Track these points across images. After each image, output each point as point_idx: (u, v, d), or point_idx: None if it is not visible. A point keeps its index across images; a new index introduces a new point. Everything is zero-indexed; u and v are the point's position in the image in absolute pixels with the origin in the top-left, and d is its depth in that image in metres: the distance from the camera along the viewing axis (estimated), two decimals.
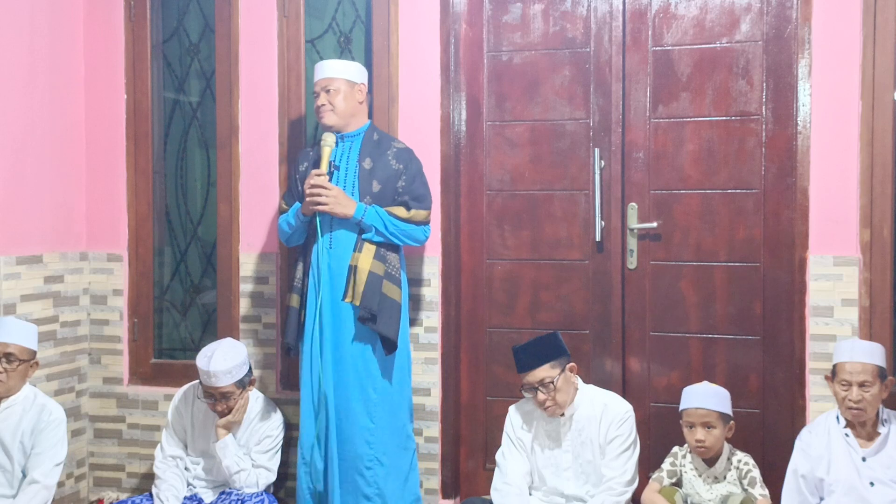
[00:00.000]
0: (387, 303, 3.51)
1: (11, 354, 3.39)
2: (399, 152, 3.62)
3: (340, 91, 3.60)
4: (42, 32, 4.03)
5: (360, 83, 3.66)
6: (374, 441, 3.54)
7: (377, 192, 3.55)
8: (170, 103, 4.35)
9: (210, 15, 4.24)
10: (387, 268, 3.53)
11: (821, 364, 3.55)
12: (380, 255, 3.53)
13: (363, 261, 3.49)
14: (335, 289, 3.55)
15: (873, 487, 3.13)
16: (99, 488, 4.34)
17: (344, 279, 3.52)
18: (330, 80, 3.61)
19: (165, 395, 4.18)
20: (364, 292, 3.46)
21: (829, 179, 3.59)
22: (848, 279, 3.58)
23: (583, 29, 3.91)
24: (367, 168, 3.58)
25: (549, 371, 3.34)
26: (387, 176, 3.57)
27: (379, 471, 3.55)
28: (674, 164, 3.84)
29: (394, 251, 3.59)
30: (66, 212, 4.19)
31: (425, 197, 3.63)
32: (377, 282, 3.49)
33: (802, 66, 3.62)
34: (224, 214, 4.18)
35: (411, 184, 3.59)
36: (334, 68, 3.63)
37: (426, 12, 3.94)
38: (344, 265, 3.53)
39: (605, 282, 3.90)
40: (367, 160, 3.59)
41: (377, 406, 3.56)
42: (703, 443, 3.29)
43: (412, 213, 3.58)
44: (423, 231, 3.63)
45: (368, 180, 3.56)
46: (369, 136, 3.65)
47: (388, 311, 3.51)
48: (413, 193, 3.59)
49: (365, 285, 3.47)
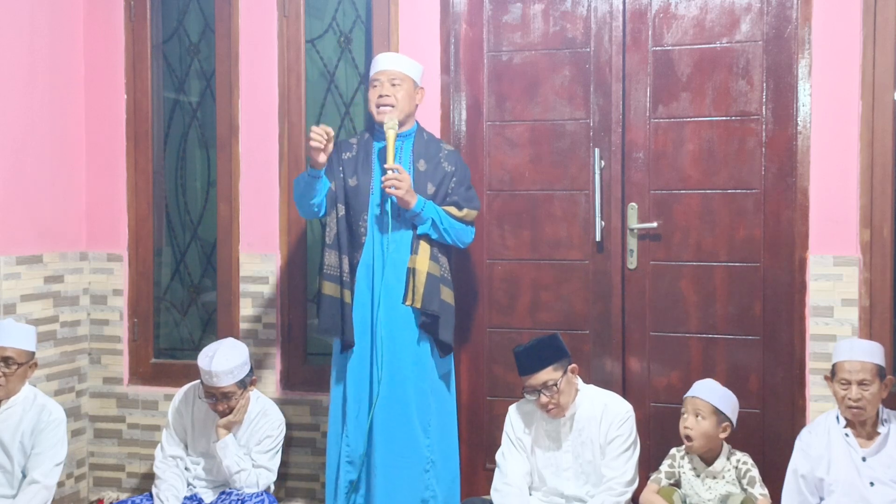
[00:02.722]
0: (444, 306, 3.49)
1: (10, 358, 3.38)
2: (449, 154, 3.59)
3: (404, 87, 3.52)
4: (42, 32, 4.03)
5: (422, 87, 3.61)
6: (432, 444, 3.53)
7: (431, 195, 3.51)
8: (170, 103, 4.36)
9: (210, 15, 4.24)
10: (441, 270, 3.51)
11: (821, 364, 3.56)
12: (434, 256, 3.49)
13: (420, 262, 3.45)
14: (391, 292, 3.48)
15: (873, 487, 3.13)
16: (99, 488, 4.34)
17: (398, 280, 3.47)
18: (397, 74, 3.52)
19: (165, 395, 4.18)
20: (424, 295, 3.43)
21: (830, 179, 3.59)
22: (848, 279, 3.58)
23: (583, 29, 3.91)
24: (421, 170, 3.53)
25: (551, 374, 3.33)
26: (440, 178, 3.53)
27: (433, 473, 3.53)
28: (674, 164, 3.84)
29: (445, 254, 3.55)
30: (66, 211, 4.19)
31: (474, 199, 3.59)
32: (436, 283, 3.47)
33: (802, 66, 3.62)
34: (224, 214, 4.18)
35: (460, 185, 3.55)
36: (403, 63, 3.55)
37: (426, 12, 3.94)
38: (401, 268, 3.48)
39: (606, 282, 3.90)
40: (421, 161, 3.54)
41: (434, 409, 3.53)
42: (689, 430, 3.28)
43: (465, 212, 3.53)
44: (471, 233, 3.59)
45: (423, 182, 3.51)
46: (420, 137, 3.60)
47: (446, 315, 3.50)
48: (462, 195, 3.55)
49: (425, 287, 3.43)
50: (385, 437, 3.48)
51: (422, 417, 3.51)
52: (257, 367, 4.04)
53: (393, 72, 3.51)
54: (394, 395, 3.48)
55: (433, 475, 3.53)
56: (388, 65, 3.54)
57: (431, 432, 3.53)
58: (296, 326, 4.16)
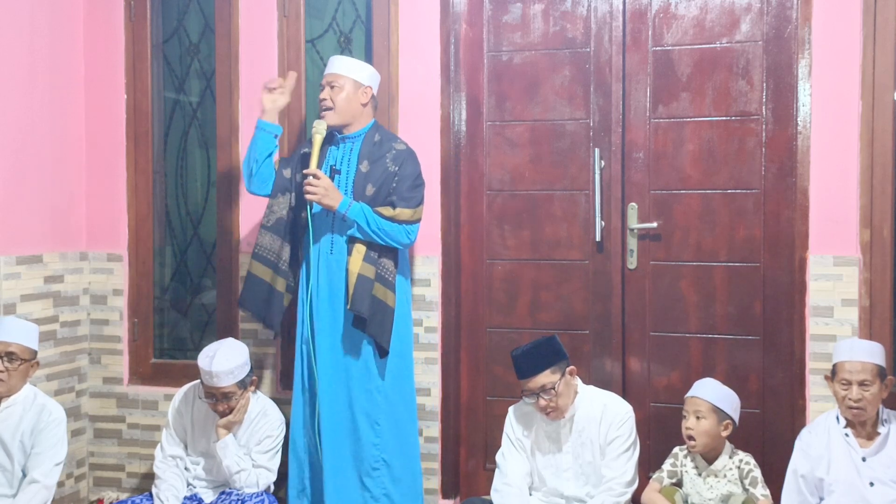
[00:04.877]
0: (378, 307, 3.47)
1: (13, 353, 3.39)
2: (397, 154, 3.56)
3: (344, 89, 3.56)
4: (42, 32, 4.03)
5: (367, 85, 3.61)
6: (382, 443, 3.55)
7: (370, 196, 3.51)
8: (170, 103, 4.35)
9: (210, 15, 4.23)
10: (378, 270, 3.49)
11: (821, 364, 3.55)
12: (370, 258, 3.48)
13: (353, 263, 3.47)
14: (334, 293, 3.54)
15: (873, 487, 3.13)
16: (99, 488, 4.34)
17: (341, 282, 3.51)
18: (336, 77, 3.57)
19: (165, 395, 4.18)
20: (354, 296, 3.43)
21: (829, 179, 3.59)
22: (848, 279, 3.58)
23: (583, 29, 3.91)
24: (363, 171, 3.54)
25: (549, 377, 3.32)
26: (382, 179, 3.52)
27: (385, 472, 3.55)
28: (674, 165, 3.84)
29: (389, 254, 3.53)
30: (66, 212, 4.19)
31: (412, 197, 3.53)
32: (367, 285, 3.45)
33: (802, 66, 3.62)
34: (224, 214, 4.18)
35: (401, 184, 3.52)
36: (342, 65, 3.59)
37: (426, 12, 3.94)
38: (340, 269, 3.53)
39: (605, 282, 3.90)
40: (364, 163, 3.56)
41: (381, 408, 3.55)
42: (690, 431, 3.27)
43: (396, 211, 3.49)
44: (407, 233, 3.52)
45: (363, 184, 3.53)
46: (370, 138, 3.61)
47: (380, 316, 3.48)
48: (401, 193, 3.51)
49: (354, 288, 3.43)
50: (329, 436, 3.54)
51: (369, 417, 3.54)
52: (256, 367, 4.04)
53: (332, 75, 3.58)
54: (335, 395, 3.54)
55: (385, 474, 3.55)
56: (329, 67, 3.61)
57: (381, 431, 3.55)
58: (295, 326, 4.15)
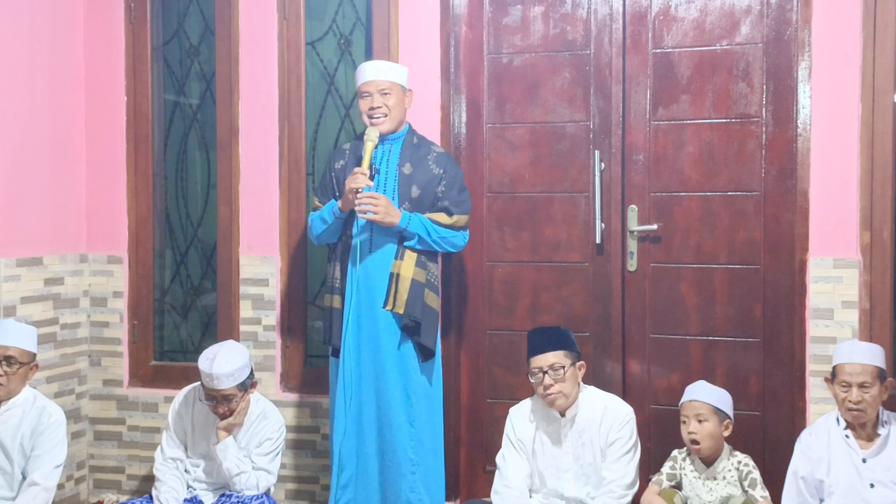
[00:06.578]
0: (428, 311, 3.50)
1: (12, 357, 3.38)
2: (439, 157, 3.57)
3: (394, 95, 3.53)
4: (42, 33, 4.03)
5: (409, 89, 3.61)
6: (416, 446, 3.54)
7: (416, 198, 3.51)
8: (170, 105, 4.36)
9: (210, 17, 4.24)
10: (428, 276, 3.52)
11: (821, 366, 3.56)
12: (421, 263, 3.50)
13: (405, 269, 3.47)
14: (374, 293, 3.51)
15: (873, 489, 3.13)
16: (99, 490, 4.34)
17: (383, 284, 3.49)
18: (386, 84, 3.52)
19: (165, 397, 4.18)
20: (408, 301, 3.45)
21: (830, 181, 3.59)
22: (848, 281, 3.58)
23: (583, 31, 3.91)
24: (406, 173, 3.52)
25: (560, 357, 3.34)
26: (426, 181, 3.52)
27: (420, 475, 3.54)
28: (674, 167, 3.84)
29: (433, 259, 3.57)
30: (65, 214, 4.19)
31: (465, 202, 3.57)
32: (420, 290, 3.47)
33: (802, 68, 3.63)
34: (224, 216, 4.18)
35: (451, 188, 3.53)
36: (391, 71, 3.55)
37: (426, 14, 3.94)
38: (383, 270, 3.49)
39: (606, 284, 3.90)
40: (406, 165, 3.54)
41: (418, 411, 3.54)
42: (694, 434, 3.28)
43: (454, 218, 3.52)
44: (463, 237, 3.58)
45: (408, 185, 3.51)
46: (409, 140, 3.59)
47: (429, 320, 3.51)
48: (453, 199, 3.53)
49: (408, 293, 3.45)
50: (372, 439, 3.53)
51: (407, 419, 3.53)
52: (257, 369, 4.04)
53: (380, 82, 3.51)
54: (379, 397, 3.52)
55: (418, 477, 3.54)
56: (375, 75, 3.53)
57: (416, 434, 3.55)
58: (296, 328, 4.16)
